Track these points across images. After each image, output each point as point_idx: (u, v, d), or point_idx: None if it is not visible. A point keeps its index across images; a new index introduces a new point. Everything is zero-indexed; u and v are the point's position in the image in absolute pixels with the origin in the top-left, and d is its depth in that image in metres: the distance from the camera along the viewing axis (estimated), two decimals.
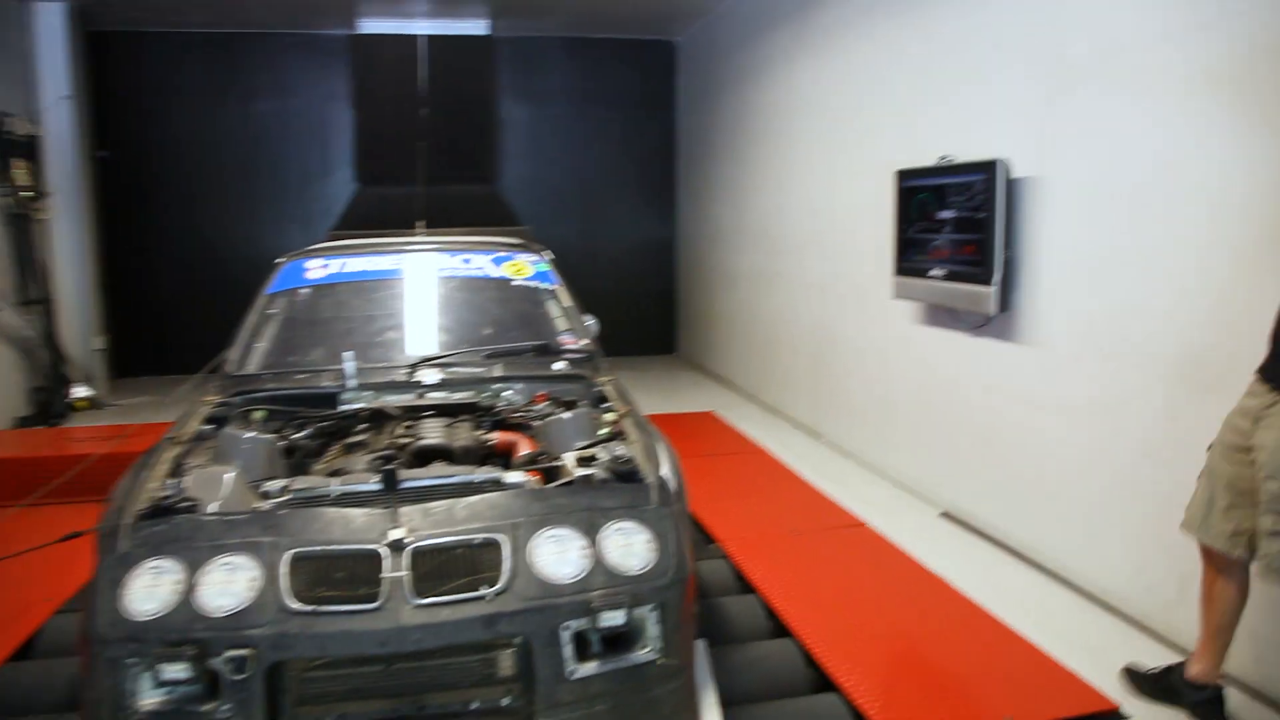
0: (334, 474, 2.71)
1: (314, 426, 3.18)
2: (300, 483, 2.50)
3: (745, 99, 7.85)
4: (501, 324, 3.87)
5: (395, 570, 2.18)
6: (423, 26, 9.18)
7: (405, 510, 2.33)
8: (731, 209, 8.37)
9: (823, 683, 3.12)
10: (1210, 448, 2.74)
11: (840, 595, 3.76)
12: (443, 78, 9.18)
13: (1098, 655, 3.28)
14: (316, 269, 3.92)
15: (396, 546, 2.21)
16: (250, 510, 2.40)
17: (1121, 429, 3.64)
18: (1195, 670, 2.87)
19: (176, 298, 9.33)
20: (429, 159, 8.73)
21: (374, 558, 2.20)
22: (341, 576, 2.19)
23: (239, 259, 8.61)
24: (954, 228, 4.43)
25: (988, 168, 4.14)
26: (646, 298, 10.31)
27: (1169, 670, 2.96)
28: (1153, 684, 2.97)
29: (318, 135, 9.55)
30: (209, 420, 3.13)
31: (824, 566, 4.07)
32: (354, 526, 2.28)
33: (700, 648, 2.81)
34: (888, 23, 5.30)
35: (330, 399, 3.31)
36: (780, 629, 3.48)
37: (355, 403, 3.29)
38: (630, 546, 2.37)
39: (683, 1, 8.34)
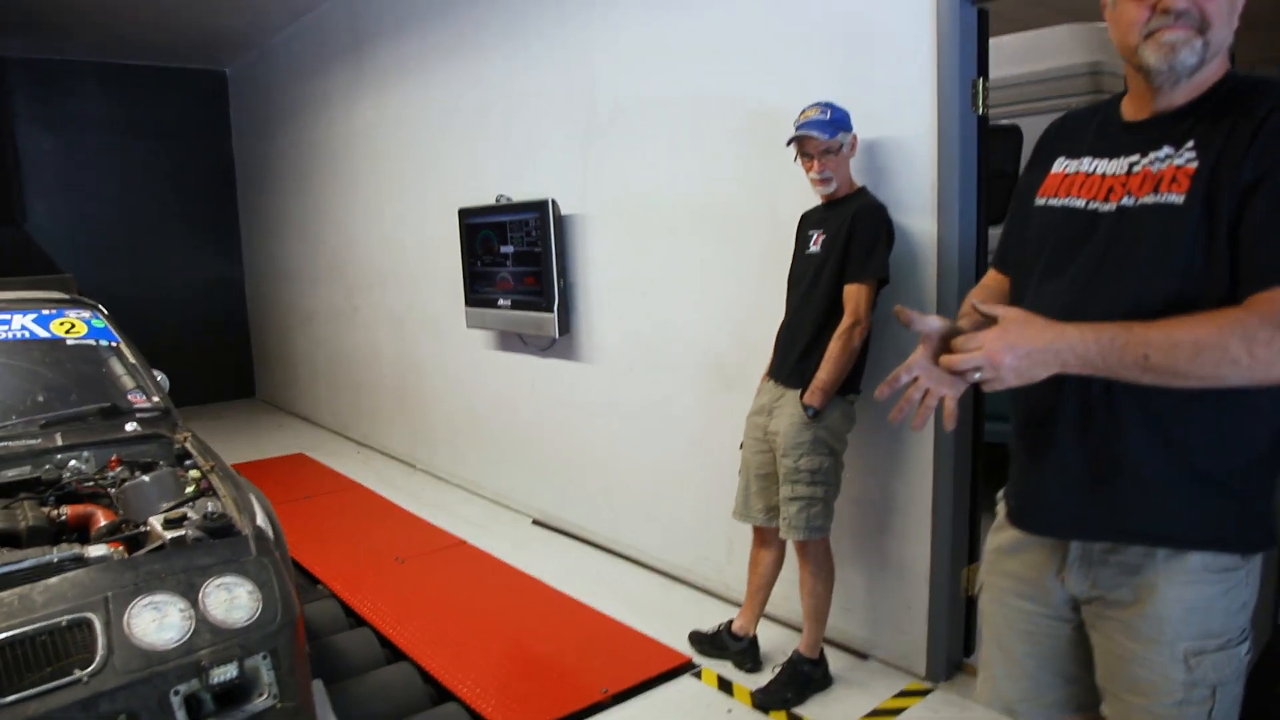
0: None
1: None
2: None
3: (306, 134, 7.76)
4: (58, 389, 3.57)
5: None
6: None
7: None
8: (301, 245, 8.23)
9: (442, 695, 3.33)
10: (741, 446, 3.35)
11: (448, 611, 3.98)
12: None
13: (673, 621, 3.83)
14: None
15: None
16: None
17: (672, 427, 4.27)
18: (737, 624, 3.49)
19: None
20: None
21: None
22: None
23: None
24: (515, 261, 4.86)
25: (540, 206, 4.61)
26: (218, 341, 9.68)
27: (720, 628, 3.55)
28: (709, 641, 3.56)
29: None
30: None
31: (430, 588, 4.27)
32: None
33: (318, 687, 2.88)
34: (445, 67, 5.61)
35: None
36: (396, 654, 3.63)
37: None
38: (234, 600, 2.40)
39: (227, 31, 7.97)
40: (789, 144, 3.10)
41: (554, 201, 4.59)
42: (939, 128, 3.03)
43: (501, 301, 5.00)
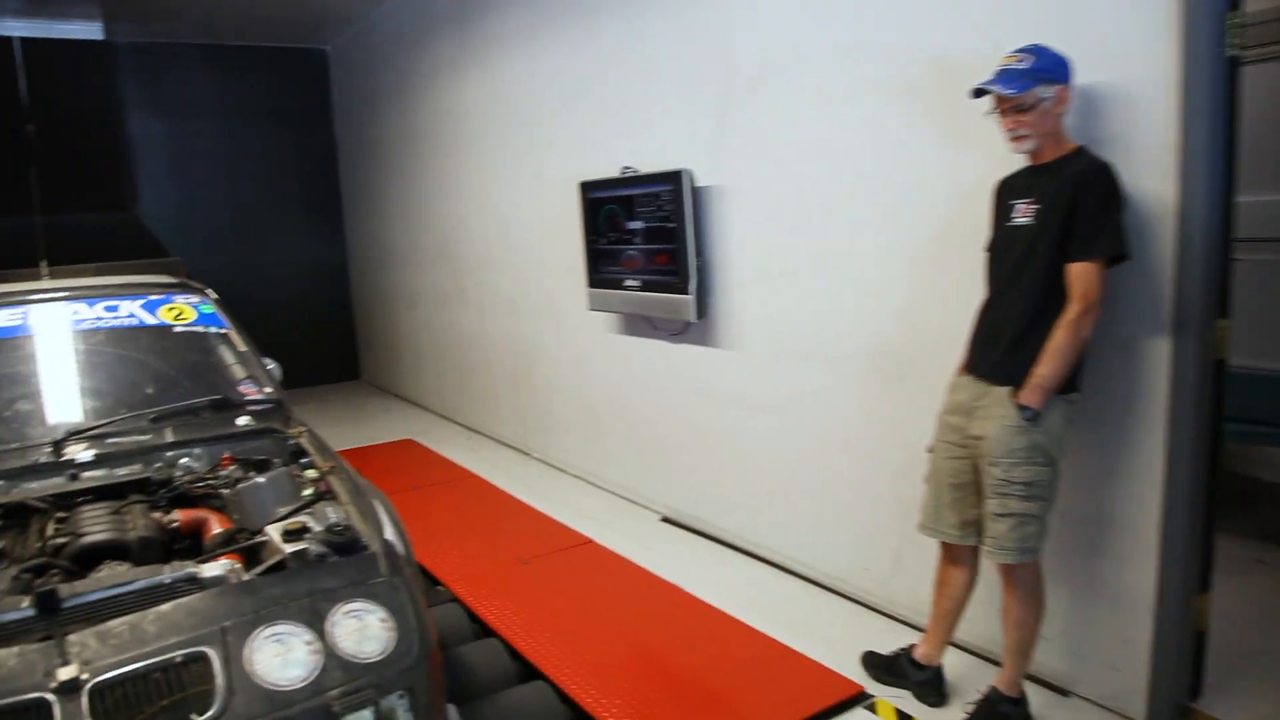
0: None
1: None
2: None
3: (410, 111, 7.50)
4: (167, 380, 3.33)
5: None
6: (15, 28, 7.82)
7: (75, 638, 1.87)
8: (406, 226, 7.99)
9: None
10: (930, 450, 2.90)
11: (581, 622, 3.64)
12: (51, 89, 7.93)
13: (832, 639, 3.42)
14: None
15: (69, 688, 1.77)
16: None
17: (824, 423, 3.82)
18: (921, 651, 3.05)
19: None
20: (45, 183, 7.51)
21: (40, 709, 1.74)
22: None
23: None
24: (645, 238, 4.45)
25: (673, 178, 4.19)
26: (322, 324, 9.58)
27: (900, 653, 3.11)
28: (886, 668, 3.13)
29: None
30: None
31: (559, 594, 3.93)
32: (5, 673, 1.79)
33: (452, 713, 2.55)
34: (557, 33, 5.24)
35: None
36: (528, 670, 3.30)
37: None
38: (365, 629, 2.08)
39: (328, 7, 7.77)
40: (973, 97, 2.62)
41: (689, 172, 4.16)
42: (1182, 73, 2.50)
43: (629, 282, 4.60)
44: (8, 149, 7.66)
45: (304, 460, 2.93)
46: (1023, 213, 2.63)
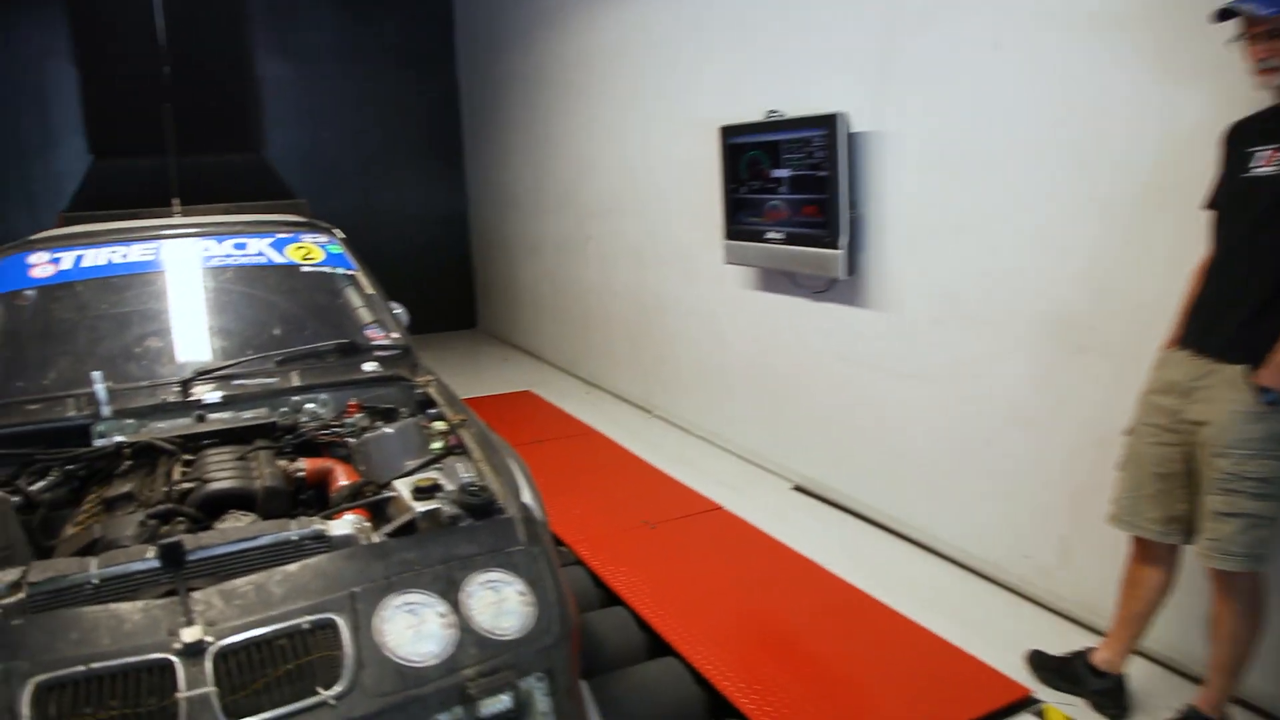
0: (89, 548, 2.03)
1: (59, 471, 2.45)
2: (40, 571, 1.81)
3: (537, 51, 7.27)
4: (293, 321, 3.22)
5: (195, 686, 1.61)
6: None
7: (199, 596, 1.74)
8: (529, 171, 7.81)
9: (718, 705, 2.76)
10: (1129, 433, 2.54)
11: (712, 595, 3.41)
12: (185, 29, 8.00)
13: (987, 631, 3.11)
14: (43, 265, 3.10)
15: (193, 651, 1.64)
16: None
17: (987, 394, 3.47)
18: (1101, 657, 2.70)
19: None
20: (179, 124, 7.59)
21: (163, 671, 1.61)
22: (116, 707, 1.57)
23: None
24: (791, 187, 4.12)
25: (826, 121, 3.83)
26: (440, 271, 9.54)
27: (1075, 656, 2.78)
28: (1057, 670, 2.80)
29: (35, 99, 8.10)
30: None
31: (688, 562, 3.71)
32: (128, 629, 1.66)
33: (585, 693, 2.35)
34: None
35: (79, 433, 2.58)
36: (656, 644, 3.10)
37: (113, 435, 2.57)
38: (502, 603, 1.90)
39: None
40: (1216, 20, 2.22)
41: (845, 116, 3.81)
42: None
43: (771, 234, 4.28)
44: (146, 91, 7.77)
45: (431, 411, 2.78)
46: (1267, 160, 2.22)
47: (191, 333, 3.06)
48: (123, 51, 7.86)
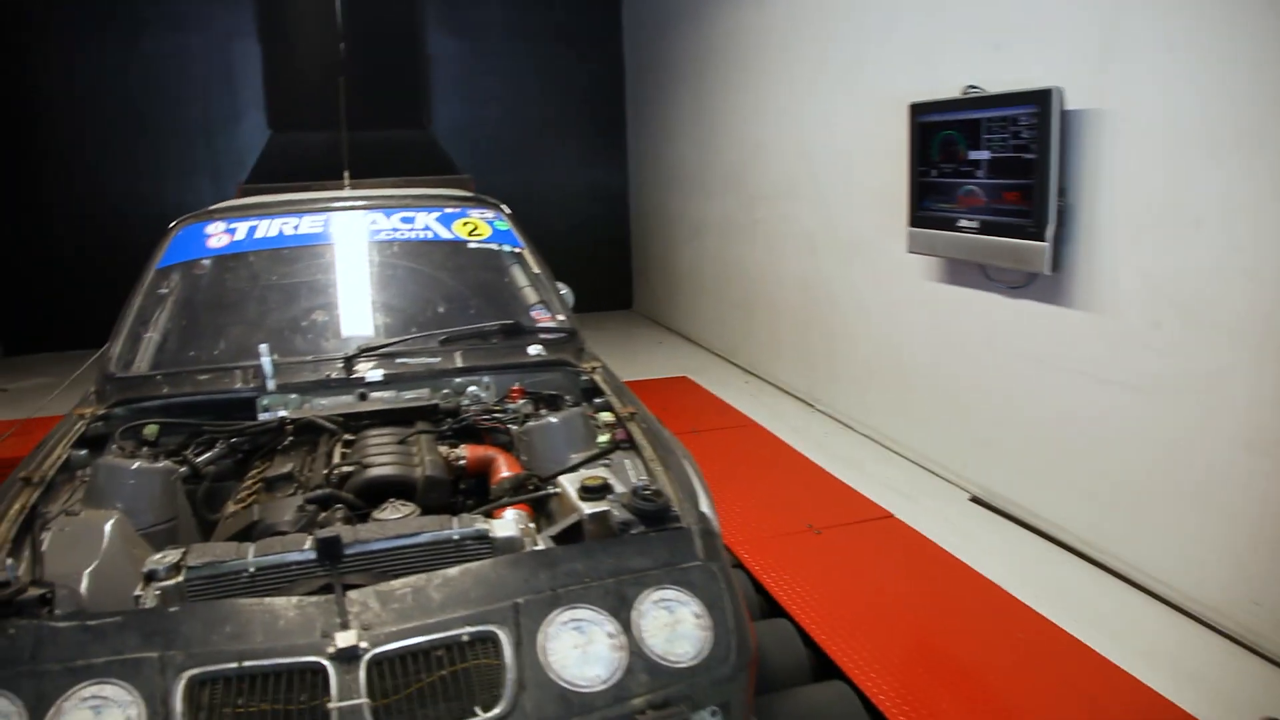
0: (247, 530, 1.95)
1: (224, 444, 2.42)
2: (199, 555, 1.74)
3: (706, 30, 7.04)
4: (458, 299, 3.13)
5: (347, 695, 1.49)
6: None
7: (355, 595, 1.61)
8: (694, 151, 7.59)
9: None
10: None
11: (884, 614, 3.13)
12: (361, 9, 8.18)
13: (1204, 687, 2.72)
14: (219, 235, 3.10)
15: (347, 656, 1.51)
16: (125, 611, 1.65)
17: (1214, 411, 3.03)
18: None
19: (72, 263, 8.22)
20: (352, 100, 7.78)
21: (315, 675, 1.50)
22: (265, 707, 1.47)
23: (141, 217, 7.55)
24: (991, 171, 3.74)
25: (1038, 98, 3.43)
26: (598, 249, 9.47)
27: None
28: None
29: (222, 76, 8.47)
30: (80, 442, 2.34)
31: (856, 574, 3.44)
32: (282, 627, 1.56)
33: None
34: None
35: (245, 405, 2.55)
36: (822, 662, 2.85)
37: (276, 410, 2.53)
38: (676, 625, 1.71)
39: None
40: None
41: (1059, 91, 3.40)
42: None
43: (964, 223, 3.91)
44: (322, 68, 7.99)
45: (598, 400, 2.61)
46: None
47: (356, 308, 3.01)
48: (302, 30, 8.10)
